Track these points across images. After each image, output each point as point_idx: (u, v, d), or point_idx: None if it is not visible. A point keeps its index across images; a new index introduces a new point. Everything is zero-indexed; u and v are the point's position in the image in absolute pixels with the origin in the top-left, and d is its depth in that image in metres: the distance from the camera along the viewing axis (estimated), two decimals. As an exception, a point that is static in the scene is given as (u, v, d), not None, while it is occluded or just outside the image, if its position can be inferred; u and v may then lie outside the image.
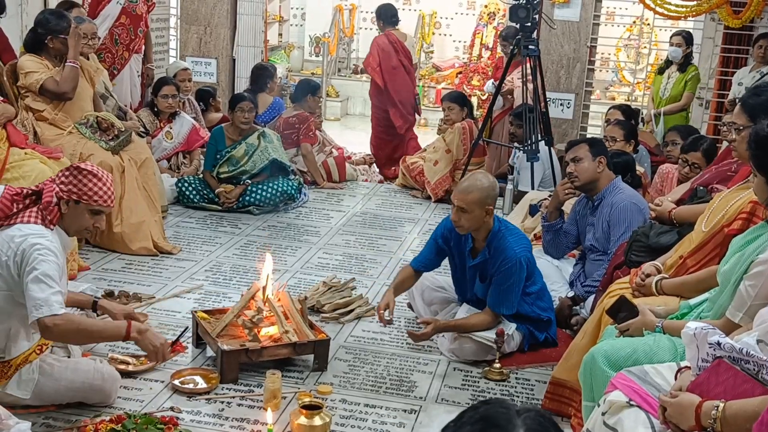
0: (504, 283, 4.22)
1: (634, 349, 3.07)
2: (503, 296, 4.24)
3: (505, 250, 4.21)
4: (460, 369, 4.26)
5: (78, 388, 3.49)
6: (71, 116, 5.72)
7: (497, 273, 4.23)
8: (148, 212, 5.74)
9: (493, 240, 4.27)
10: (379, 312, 4.37)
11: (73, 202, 3.42)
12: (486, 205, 4.20)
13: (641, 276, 3.74)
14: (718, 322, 2.91)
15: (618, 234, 4.69)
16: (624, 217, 4.71)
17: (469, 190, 4.20)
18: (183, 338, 4.03)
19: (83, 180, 3.42)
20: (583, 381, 3.15)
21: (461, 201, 4.20)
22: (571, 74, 8.82)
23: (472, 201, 4.18)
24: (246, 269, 5.49)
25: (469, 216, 4.20)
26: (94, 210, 3.46)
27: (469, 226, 4.24)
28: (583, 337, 3.74)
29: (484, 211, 4.21)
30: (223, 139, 6.94)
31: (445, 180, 7.58)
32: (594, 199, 4.91)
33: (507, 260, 4.19)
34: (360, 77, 13.63)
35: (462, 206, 4.19)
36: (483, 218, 4.22)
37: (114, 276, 5.24)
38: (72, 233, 3.53)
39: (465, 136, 7.58)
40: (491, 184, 4.27)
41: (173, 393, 3.77)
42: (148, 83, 7.69)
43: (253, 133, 6.97)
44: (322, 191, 7.69)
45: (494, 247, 4.26)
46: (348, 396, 3.90)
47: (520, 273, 4.22)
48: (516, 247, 4.23)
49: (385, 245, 6.27)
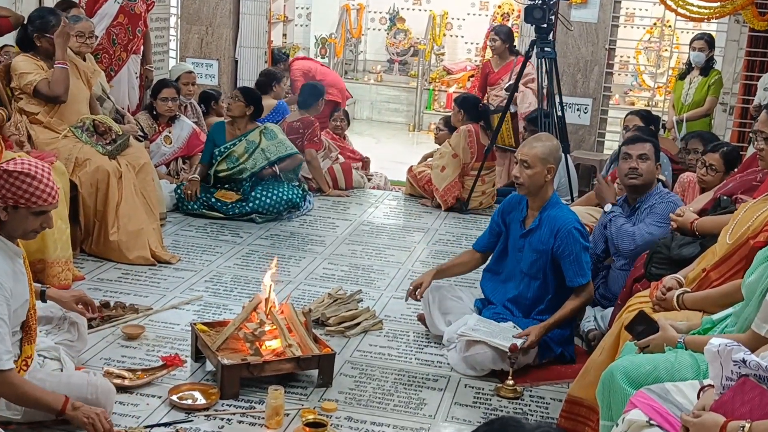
0: (570, 254, 4.37)
1: (655, 366, 3.06)
2: (576, 266, 4.38)
3: (556, 219, 4.41)
4: (471, 386, 4.25)
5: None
6: (67, 119, 5.73)
7: (559, 248, 4.37)
8: (146, 220, 5.75)
9: (546, 209, 4.46)
10: (409, 290, 4.67)
11: (11, 207, 3.26)
12: (548, 163, 4.39)
13: (662, 289, 3.72)
14: (743, 336, 2.90)
15: (654, 220, 4.69)
16: (667, 209, 4.68)
17: (533, 144, 4.43)
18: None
19: (16, 183, 3.24)
20: (601, 399, 3.14)
21: (524, 154, 4.40)
22: (588, 78, 8.82)
23: (535, 155, 4.37)
24: (248, 280, 5.49)
25: (530, 172, 4.38)
26: (37, 212, 3.30)
27: (529, 183, 4.41)
28: (601, 353, 3.73)
29: (545, 170, 4.39)
30: (223, 133, 6.95)
31: (454, 186, 7.57)
32: (636, 202, 4.88)
33: (562, 230, 4.37)
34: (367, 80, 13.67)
35: (525, 159, 4.39)
36: (543, 177, 4.40)
37: (110, 286, 5.24)
38: (18, 237, 3.36)
39: (471, 139, 7.55)
40: (555, 144, 4.50)
41: (171, 409, 3.77)
42: (146, 85, 7.72)
43: (255, 130, 6.97)
44: (327, 199, 7.69)
45: (545, 217, 4.45)
46: (354, 413, 3.89)
47: (580, 239, 4.39)
48: (568, 214, 4.46)
49: (393, 255, 6.27)
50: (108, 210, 5.61)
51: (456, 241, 6.74)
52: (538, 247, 4.46)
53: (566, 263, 4.39)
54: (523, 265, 4.54)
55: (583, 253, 4.40)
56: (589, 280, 4.43)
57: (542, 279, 4.48)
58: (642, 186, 4.84)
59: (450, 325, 4.64)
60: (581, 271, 4.40)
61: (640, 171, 4.82)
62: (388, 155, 10.51)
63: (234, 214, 6.79)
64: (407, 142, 12.22)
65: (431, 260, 6.18)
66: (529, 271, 4.51)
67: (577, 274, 4.40)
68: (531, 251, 4.49)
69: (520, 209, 4.59)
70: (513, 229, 4.62)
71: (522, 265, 4.55)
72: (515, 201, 4.64)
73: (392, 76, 13.95)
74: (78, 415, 3.34)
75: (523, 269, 4.54)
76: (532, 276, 4.51)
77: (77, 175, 5.54)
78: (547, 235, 4.42)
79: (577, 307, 4.46)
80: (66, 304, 3.86)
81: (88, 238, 5.69)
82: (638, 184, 4.84)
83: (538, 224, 4.47)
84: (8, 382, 3.19)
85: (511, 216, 4.64)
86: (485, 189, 7.66)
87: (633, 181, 4.83)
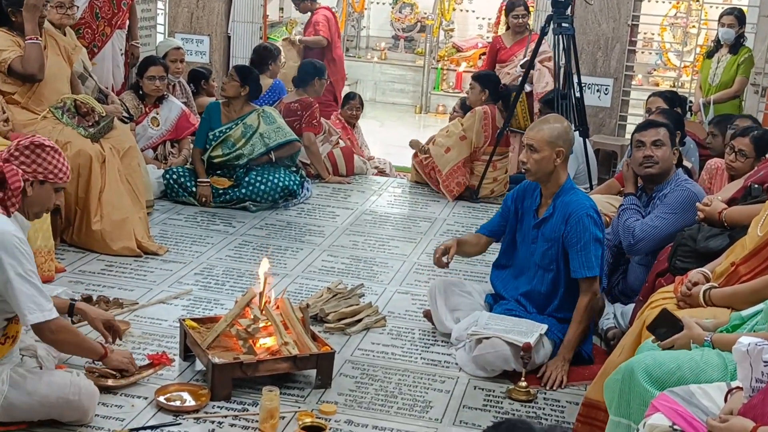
0: (578, 243, 4.35)
1: (679, 364, 3.06)
2: (582, 257, 4.34)
3: (570, 204, 4.39)
4: (481, 388, 4.26)
5: (52, 403, 3.49)
6: (46, 99, 5.73)
7: (567, 235, 4.36)
8: (131, 208, 5.76)
9: (560, 195, 4.44)
10: (438, 255, 4.66)
11: (38, 183, 3.49)
12: (557, 147, 4.37)
13: (687, 284, 3.73)
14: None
15: (661, 211, 4.68)
16: (679, 199, 4.69)
17: (540, 127, 4.43)
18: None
19: (47, 158, 3.51)
20: (619, 394, 3.12)
21: (531, 138, 4.40)
22: (609, 56, 8.80)
23: (542, 138, 4.37)
24: (240, 273, 5.50)
25: (537, 156, 4.37)
26: (58, 188, 3.57)
27: (537, 169, 4.40)
28: (621, 352, 3.73)
29: (554, 153, 4.37)
30: (219, 116, 6.94)
31: (457, 171, 7.52)
32: (654, 190, 4.88)
33: (573, 215, 4.35)
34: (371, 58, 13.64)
35: (531, 144, 4.38)
36: (553, 162, 4.38)
37: (92, 279, 5.25)
38: (32, 216, 3.60)
39: (486, 121, 7.53)
40: (565, 126, 4.47)
41: (158, 411, 3.78)
42: (132, 63, 7.70)
43: (252, 113, 6.97)
44: (326, 186, 7.69)
45: (558, 203, 4.43)
46: (354, 417, 3.89)
47: (591, 227, 4.34)
48: (583, 200, 4.43)
49: (398, 247, 6.27)
50: (90, 197, 5.61)
51: (465, 231, 6.73)
52: (550, 235, 4.46)
53: (573, 252, 4.37)
54: (537, 257, 4.54)
55: (593, 243, 4.35)
56: (597, 275, 4.37)
57: (555, 271, 4.48)
58: (659, 174, 4.83)
59: (458, 322, 4.65)
60: (588, 263, 4.35)
61: (655, 158, 4.80)
62: (393, 139, 10.50)
63: (225, 201, 6.80)
64: (413, 125, 12.21)
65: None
66: (542, 263, 4.51)
67: (582, 266, 4.35)
68: (544, 241, 4.49)
69: (534, 197, 4.59)
70: (526, 219, 4.61)
71: (535, 257, 4.55)
72: (530, 188, 4.63)
73: (397, 53, 13.91)
74: (114, 358, 3.85)
75: (536, 261, 4.54)
76: (545, 268, 4.51)
77: (57, 160, 5.54)
78: (559, 222, 4.42)
79: (586, 310, 4.36)
80: (93, 321, 3.94)
81: (69, 228, 5.70)
82: (654, 173, 4.82)
83: (551, 212, 4.47)
84: (55, 329, 3.47)
85: (525, 204, 4.64)
86: (497, 175, 7.64)
87: (649, 170, 4.82)
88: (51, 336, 3.48)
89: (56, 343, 3.59)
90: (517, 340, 4.20)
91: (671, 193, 4.77)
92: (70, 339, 3.59)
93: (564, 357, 4.35)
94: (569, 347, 4.36)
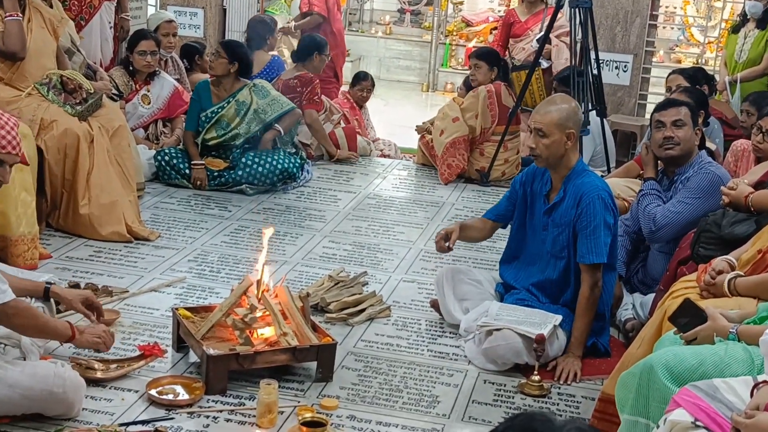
0: (588, 226, 4.32)
1: (702, 360, 3.06)
2: (589, 242, 4.31)
3: (582, 186, 4.36)
4: (492, 382, 4.26)
5: (36, 396, 3.48)
6: (31, 75, 5.72)
7: (578, 218, 4.34)
8: (121, 190, 5.75)
9: (571, 178, 4.42)
10: (438, 239, 4.68)
11: None
12: (567, 129, 4.34)
13: (711, 273, 3.72)
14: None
15: (683, 196, 4.67)
16: (701, 183, 4.69)
17: (547, 109, 4.39)
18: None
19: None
20: (637, 390, 3.11)
21: (538, 122, 4.36)
22: (628, 31, 8.77)
23: (551, 121, 4.33)
24: (237, 259, 5.50)
25: (547, 141, 4.34)
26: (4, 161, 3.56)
27: (548, 154, 4.37)
28: (640, 345, 3.73)
29: (564, 136, 4.34)
30: (209, 95, 6.93)
31: (447, 152, 7.45)
32: (675, 173, 4.87)
33: (584, 197, 4.32)
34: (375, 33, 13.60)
35: (539, 128, 4.36)
36: (564, 145, 4.35)
37: (80, 266, 5.25)
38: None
39: (491, 100, 7.51)
40: (573, 106, 4.44)
41: (149, 405, 3.78)
42: (122, 37, 7.69)
43: (243, 89, 6.94)
44: (328, 168, 7.69)
45: (570, 186, 4.41)
46: (357, 412, 3.90)
47: (603, 211, 4.32)
48: (596, 181, 4.40)
49: (403, 233, 6.27)
50: (78, 179, 5.61)
51: (475, 217, 6.72)
52: (561, 220, 4.44)
53: (582, 236, 4.34)
54: (548, 244, 4.53)
55: (603, 228, 4.31)
56: (603, 262, 4.31)
57: (566, 258, 4.46)
58: (680, 156, 4.83)
59: (467, 312, 4.65)
60: (596, 249, 4.31)
61: (676, 139, 4.81)
62: (398, 119, 10.51)
63: (220, 184, 6.80)
64: (420, 104, 12.21)
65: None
66: (553, 250, 4.50)
67: (590, 251, 4.31)
68: (554, 227, 4.48)
69: (544, 182, 4.57)
70: (537, 206, 4.60)
71: (546, 245, 4.54)
72: (540, 171, 4.62)
73: (403, 28, 13.90)
74: (86, 338, 3.74)
75: (548, 249, 4.53)
76: (556, 255, 4.50)
77: (43, 139, 5.54)
78: (571, 205, 4.40)
79: (589, 301, 4.31)
80: (71, 302, 3.93)
81: (55, 211, 5.70)
82: (675, 155, 4.84)
83: (562, 197, 4.45)
84: (12, 313, 3.41)
85: (534, 188, 4.62)
86: (508, 156, 7.61)
87: (669, 152, 4.83)
88: (9, 320, 3.44)
89: (16, 328, 3.54)
90: (530, 332, 4.20)
91: (694, 176, 4.76)
92: (31, 322, 3.53)
93: (574, 354, 4.35)
94: (577, 344, 4.35)
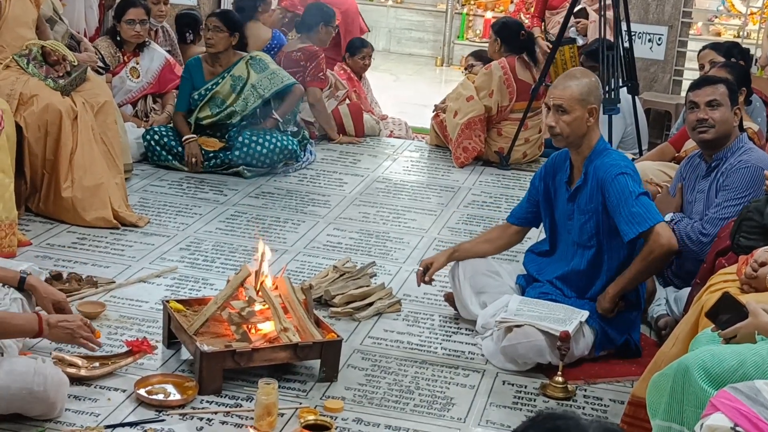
0: (619, 204, 4.29)
1: (742, 361, 3.06)
2: (627, 216, 4.27)
3: (603, 167, 4.36)
4: (511, 383, 4.26)
5: (14, 395, 3.49)
6: (9, 46, 5.75)
7: (608, 201, 4.33)
8: (107, 172, 5.77)
9: (592, 159, 4.41)
10: (418, 273, 4.78)
11: None
12: (589, 104, 4.37)
13: (753, 265, 3.71)
14: None
15: (726, 199, 4.66)
16: (743, 180, 4.68)
17: (566, 84, 4.40)
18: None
19: None
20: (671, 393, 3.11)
21: (558, 97, 4.37)
22: (663, 1, 8.74)
23: (572, 96, 4.35)
24: (233, 248, 5.51)
25: (568, 118, 4.35)
26: None
27: (569, 132, 4.38)
28: (674, 344, 3.73)
29: (586, 112, 4.36)
30: (201, 71, 6.93)
31: (462, 135, 7.44)
32: (713, 158, 4.86)
33: (608, 178, 4.32)
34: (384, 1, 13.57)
35: (559, 104, 4.36)
36: (585, 122, 4.37)
37: (62, 253, 5.27)
38: None
39: (507, 76, 7.47)
40: (594, 81, 4.46)
41: (138, 405, 3.79)
42: (108, 4, 7.71)
43: (239, 62, 6.93)
44: (333, 149, 7.69)
45: (591, 168, 4.40)
46: (364, 414, 3.91)
47: (628, 184, 4.30)
48: (619, 160, 4.40)
49: (415, 221, 6.28)
50: (60, 159, 5.62)
51: (494, 203, 6.73)
52: (586, 206, 4.43)
53: (617, 216, 4.32)
54: (574, 234, 4.52)
55: (637, 198, 4.27)
56: (652, 225, 4.25)
57: (596, 247, 4.45)
58: (716, 140, 4.82)
59: (485, 307, 4.65)
60: (635, 218, 4.27)
61: (711, 122, 4.80)
62: (410, 96, 10.51)
63: (215, 166, 6.80)
64: (433, 80, 12.20)
65: (462, 227, 6.19)
66: (581, 240, 4.49)
67: (631, 223, 4.28)
68: (580, 214, 4.47)
69: (565, 169, 4.56)
70: (560, 196, 4.58)
71: (573, 235, 4.53)
72: (559, 160, 4.61)
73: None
74: (57, 332, 3.66)
75: (574, 239, 4.53)
76: (584, 245, 4.49)
77: (22, 116, 5.55)
78: (595, 189, 4.38)
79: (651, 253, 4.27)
80: (42, 300, 3.93)
81: (35, 194, 5.72)
82: (709, 138, 4.83)
83: (584, 180, 4.44)
84: None
85: (557, 180, 4.60)
86: (529, 136, 7.58)
87: (703, 135, 4.83)
88: None
89: None
90: (554, 329, 4.20)
91: (732, 173, 4.74)
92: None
93: (607, 291, 4.37)
94: (615, 285, 4.36)
